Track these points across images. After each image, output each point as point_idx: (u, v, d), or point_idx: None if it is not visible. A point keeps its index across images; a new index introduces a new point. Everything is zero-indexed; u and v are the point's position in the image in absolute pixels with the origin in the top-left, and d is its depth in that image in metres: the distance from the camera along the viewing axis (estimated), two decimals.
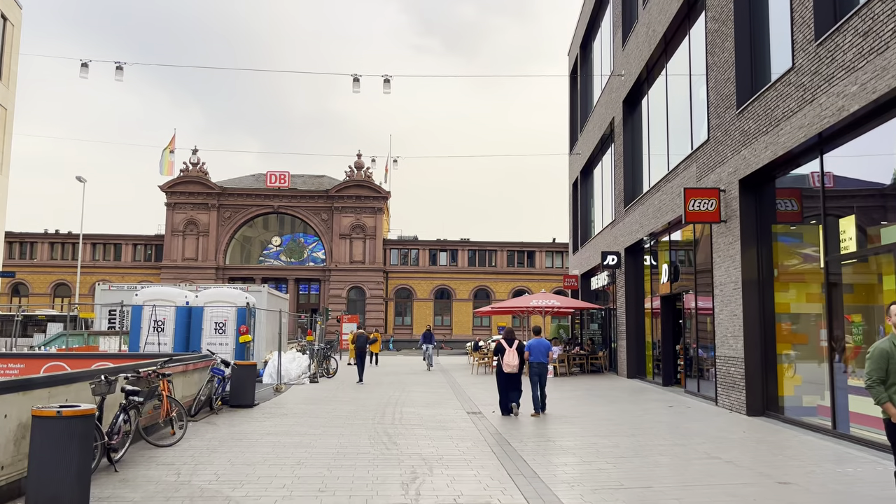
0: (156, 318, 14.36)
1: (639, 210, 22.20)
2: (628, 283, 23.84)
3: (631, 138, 24.28)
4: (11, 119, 36.12)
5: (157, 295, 14.82)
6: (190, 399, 12.20)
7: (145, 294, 14.96)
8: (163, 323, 14.48)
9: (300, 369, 20.69)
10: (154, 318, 14.32)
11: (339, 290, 60.48)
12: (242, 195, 61.25)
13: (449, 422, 12.72)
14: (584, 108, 34.28)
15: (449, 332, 61.51)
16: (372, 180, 61.44)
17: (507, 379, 13.59)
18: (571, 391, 19.02)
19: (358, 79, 23.41)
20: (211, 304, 14.58)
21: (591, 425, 12.30)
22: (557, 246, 63.22)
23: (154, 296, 14.77)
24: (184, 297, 14.83)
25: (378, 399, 16.55)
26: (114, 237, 61.70)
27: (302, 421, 12.41)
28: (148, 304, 14.52)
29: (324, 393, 17.96)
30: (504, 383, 13.65)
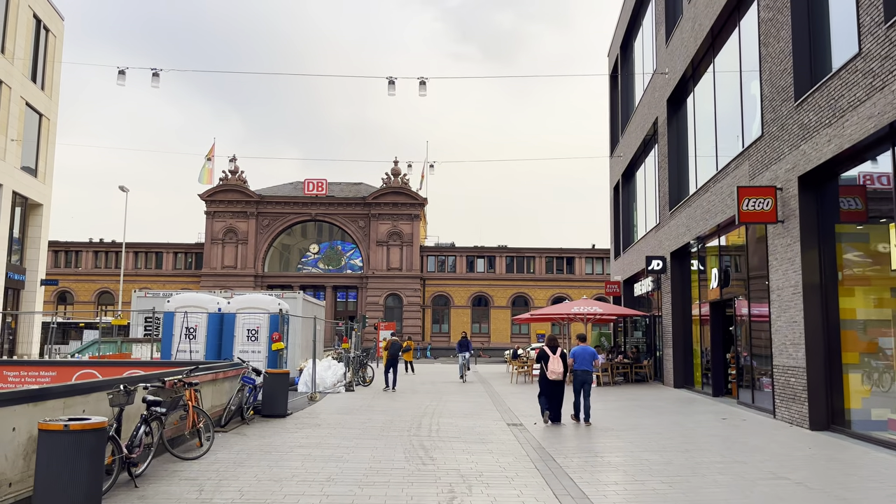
0: (187, 325, 14.04)
1: (685, 213, 21.27)
2: (674, 289, 22.89)
3: (676, 138, 23.37)
4: (54, 129, 36.70)
5: (189, 301, 14.51)
6: (220, 409, 11.79)
7: (177, 300, 14.66)
8: (195, 330, 14.16)
9: (335, 377, 20.25)
10: (186, 325, 14.00)
11: (377, 297, 60.24)
12: (280, 203, 61.53)
13: (488, 434, 12.07)
14: (625, 110, 33.39)
15: (487, 340, 60.76)
16: (409, 187, 61.16)
17: (551, 387, 13.32)
18: (616, 401, 18.19)
19: (393, 81, 23.02)
20: (243, 311, 14.21)
21: (640, 439, 11.52)
22: (597, 252, 62.03)
23: (186, 302, 14.47)
24: (216, 304, 14.49)
25: (414, 409, 15.98)
26: (155, 246, 62.51)
27: (335, 432, 11.90)
28: (180, 311, 14.22)
29: (359, 402, 17.47)
30: (547, 391, 13.37)
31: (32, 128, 34.36)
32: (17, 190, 32.52)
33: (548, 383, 13.27)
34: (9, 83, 31.36)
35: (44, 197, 35.45)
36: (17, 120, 32.25)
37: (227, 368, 12.12)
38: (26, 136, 33.50)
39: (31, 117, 34.05)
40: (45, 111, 35.41)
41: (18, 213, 33.80)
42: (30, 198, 34.09)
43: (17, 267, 33.67)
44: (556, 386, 13.27)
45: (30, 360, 16.31)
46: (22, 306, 33.99)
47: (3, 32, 31.08)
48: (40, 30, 34.76)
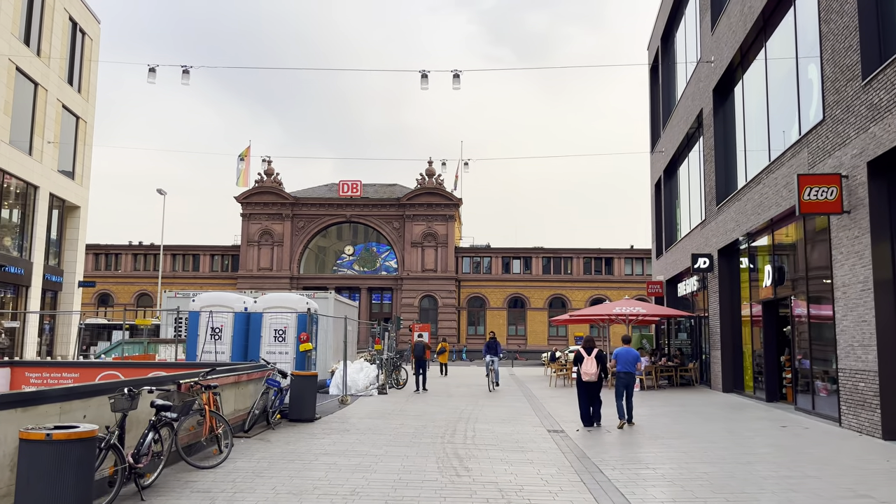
0: (213, 325, 13.49)
1: (734, 207, 20.13)
2: (722, 288, 21.72)
3: (722, 130, 22.21)
4: (91, 131, 36.89)
5: (215, 300, 13.96)
6: (243, 413, 11.17)
7: (202, 299, 14.13)
8: (220, 330, 13.59)
9: (368, 380, 19.60)
10: (211, 325, 13.45)
11: (411, 298, 59.67)
12: (315, 205, 61.36)
13: (528, 441, 11.23)
14: (666, 104, 32.19)
15: (523, 343, 59.72)
16: (443, 187, 60.47)
17: (587, 389, 13.02)
18: (662, 406, 17.16)
19: (426, 75, 22.31)
20: (270, 310, 13.61)
21: (693, 449, 10.57)
22: (637, 252, 60.52)
23: (211, 301, 13.92)
24: (242, 303, 13.92)
25: (448, 413, 15.21)
26: (192, 248, 62.89)
27: (364, 438, 11.19)
28: (205, 310, 13.68)
29: (391, 406, 16.77)
30: (584, 393, 13.10)
31: (69, 130, 34.53)
32: (54, 192, 32.67)
33: (583, 385, 12.99)
34: (45, 85, 31.52)
35: (81, 199, 35.61)
36: (53, 122, 32.40)
37: (251, 370, 11.50)
38: (63, 138, 33.67)
39: (67, 120, 34.23)
40: (82, 113, 35.58)
41: (56, 215, 34.00)
42: (67, 200, 34.25)
43: (55, 269, 33.84)
44: (591, 387, 12.96)
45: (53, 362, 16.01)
46: (60, 308, 34.17)
47: (39, 35, 31.24)
48: (76, 32, 34.93)
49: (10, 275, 29.33)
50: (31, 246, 31.24)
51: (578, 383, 13.16)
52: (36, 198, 31.34)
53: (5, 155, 28.34)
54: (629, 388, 13.15)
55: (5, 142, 28.32)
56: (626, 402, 13.04)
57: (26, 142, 30.46)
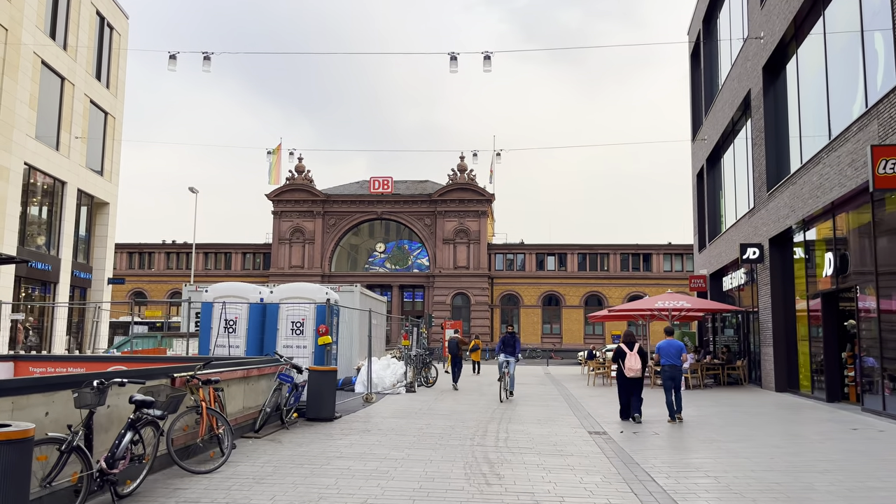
0: (226, 317, 12.59)
1: (787, 192, 18.66)
2: (774, 280, 20.23)
3: (773, 110, 20.71)
4: (120, 127, 36.60)
5: (228, 291, 13.05)
6: (253, 411, 10.22)
7: (216, 290, 13.23)
8: (234, 322, 12.68)
9: (395, 377, 18.59)
10: (224, 317, 12.56)
11: (444, 296, 58.65)
12: (346, 202, 60.74)
13: (567, 444, 10.08)
14: (709, 90, 30.63)
15: (558, 341, 58.27)
16: (475, 183, 59.32)
17: (630, 384, 12.74)
18: (712, 406, 15.81)
19: (455, 57, 21.29)
20: (287, 301, 12.66)
21: (757, 454, 9.30)
22: (676, 248, 58.60)
23: (224, 292, 13.02)
24: (258, 294, 13.00)
25: (480, 413, 14.10)
26: (224, 246, 62.78)
27: (385, 440, 10.15)
28: (218, 302, 12.79)
29: (419, 404, 15.72)
30: (625, 389, 12.81)
31: (97, 126, 34.24)
32: (82, 188, 32.38)
33: (625, 381, 12.69)
34: (72, 80, 31.21)
35: (110, 196, 35.33)
36: (81, 118, 32.10)
37: (262, 365, 10.54)
38: (91, 134, 33.39)
39: (95, 115, 33.93)
40: (111, 109, 35.29)
41: (84, 212, 33.75)
42: (96, 196, 33.96)
43: (83, 265, 33.59)
44: (633, 384, 12.67)
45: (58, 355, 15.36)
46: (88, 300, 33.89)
47: (65, 28, 30.94)
48: (104, 27, 34.64)
49: (37, 271, 29.06)
50: (59, 242, 30.96)
51: (620, 379, 12.83)
52: (64, 194, 31.06)
53: (32, 150, 28.03)
54: (676, 381, 12.70)
55: (32, 136, 28.01)
56: (675, 396, 12.66)
57: (53, 137, 30.17)
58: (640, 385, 12.75)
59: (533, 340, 58.71)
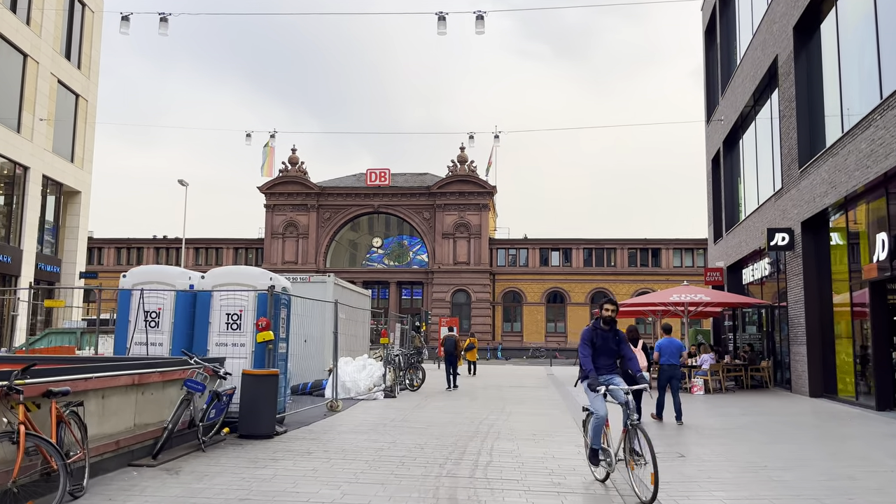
0: (147, 308, 10.18)
1: (825, 167, 16.13)
2: (807, 270, 17.71)
3: (805, 75, 18.19)
4: (93, 111, 34.24)
5: (149, 275, 10.59)
6: (155, 429, 7.77)
7: (135, 274, 10.78)
8: (157, 315, 10.25)
9: (371, 380, 16.15)
10: (143, 308, 10.15)
11: (443, 293, 56.15)
12: (342, 195, 58.28)
13: (568, 473, 7.62)
14: (725, 66, 28.10)
15: (563, 340, 55.70)
16: (476, 175, 56.79)
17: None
18: (742, 415, 13.30)
19: (444, 17, 18.87)
20: (221, 288, 10.23)
21: (828, 491, 6.81)
22: (686, 242, 55.95)
23: (144, 277, 10.56)
24: (186, 279, 10.57)
25: (463, 424, 11.64)
26: (215, 241, 60.45)
27: (325, 466, 7.70)
28: (136, 289, 10.38)
29: (393, 413, 13.27)
30: None
31: (67, 109, 31.87)
32: (48, 174, 30.02)
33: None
34: (35, 57, 28.85)
35: (82, 184, 32.97)
36: (46, 98, 29.75)
37: (166, 368, 8.09)
38: (60, 117, 31.02)
39: (65, 97, 31.57)
40: (82, 91, 32.91)
41: (52, 201, 31.41)
42: (65, 184, 31.61)
43: (50, 258, 31.24)
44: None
45: None
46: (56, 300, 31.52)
47: (28, 2, 28.58)
48: (74, 4, 32.27)
49: None
50: (21, 232, 28.60)
51: None
52: (26, 180, 28.69)
53: None
54: (674, 381, 12.36)
55: None
56: (674, 398, 12.10)
57: (14, 118, 27.82)
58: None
59: (536, 339, 56.22)
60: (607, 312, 7.26)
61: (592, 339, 7.30)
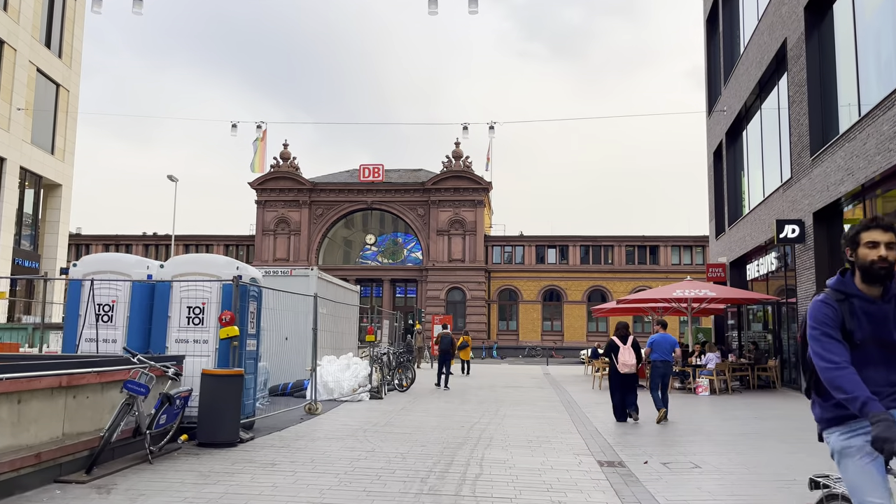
0: (98, 301, 9.12)
1: (841, 152, 15.14)
2: (819, 264, 16.72)
3: (818, 57, 17.19)
4: (75, 102, 33.09)
5: (103, 264, 9.48)
6: (90, 439, 6.70)
7: (87, 263, 9.66)
8: (111, 308, 9.19)
9: (356, 380, 15.10)
10: (96, 301, 9.09)
11: (437, 291, 55.10)
12: (334, 191, 57.15)
13: (569, 489, 6.58)
14: (728, 55, 27.13)
15: (560, 339, 54.70)
16: (471, 170, 55.73)
17: (623, 381, 11.93)
18: (755, 420, 12.27)
19: None
20: (182, 278, 9.17)
21: None
22: (685, 240, 55.00)
23: (97, 266, 9.45)
24: (144, 268, 9.50)
25: (453, 429, 10.60)
26: (205, 238, 59.28)
27: (291, 482, 6.65)
28: (88, 279, 9.31)
29: (378, 416, 12.23)
30: (620, 386, 11.97)
31: (47, 99, 30.72)
32: (26, 166, 28.88)
33: (618, 377, 11.89)
34: (13, 44, 27.70)
35: (63, 177, 31.83)
36: (24, 87, 28.61)
37: (105, 368, 7.02)
38: (40, 107, 29.87)
39: (44, 87, 30.43)
40: (63, 81, 31.76)
41: (31, 194, 30.28)
42: (45, 177, 30.48)
43: (28, 253, 30.09)
44: (628, 379, 11.87)
45: None
46: (35, 297, 30.40)
47: None
48: None
49: None
50: None
51: (612, 376, 12.06)
52: (2, 171, 27.58)
53: None
54: (665, 378, 12.19)
55: None
56: (662, 395, 11.96)
57: None
58: (635, 381, 11.96)
59: (532, 338, 55.22)
60: (879, 252, 3.02)
61: (843, 323, 3.08)
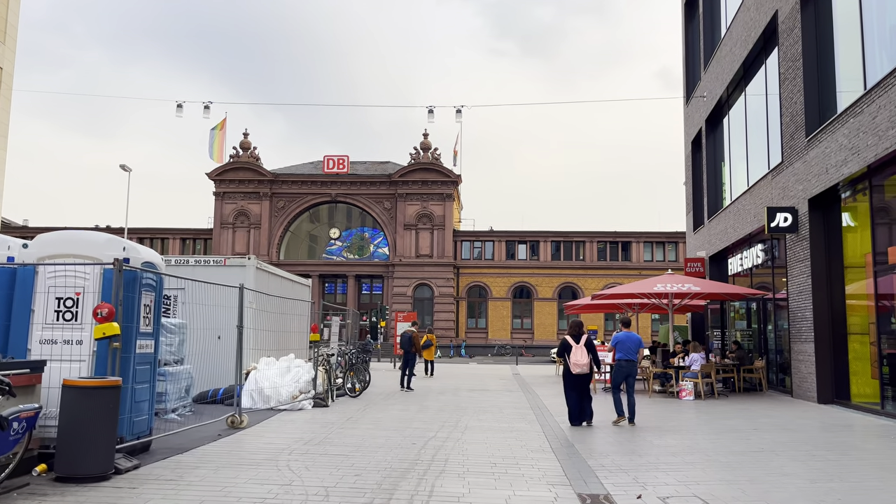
0: None
1: (843, 130, 13.58)
2: (815, 255, 15.19)
3: (814, 29, 15.66)
4: (10, 81, 30.46)
5: None
6: None
7: None
8: None
9: (297, 386, 13.13)
10: None
11: (404, 287, 53.11)
12: (297, 182, 54.76)
13: None
14: (709, 37, 25.69)
15: (530, 337, 53.14)
16: (440, 163, 53.82)
17: (577, 382, 11.22)
18: (755, 431, 10.57)
19: None
20: (50, 261, 7.18)
21: None
22: (657, 236, 53.78)
23: None
24: (5, 248, 7.48)
25: (402, 447, 8.71)
26: (160, 231, 56.50)
27: None
28: None
29: (316, 429, 10.30)
30: (574, 388, 11.24)
31: None
32: None
33: (572, 378, 11.18)
34: None
35: None
36: None
37: None
38: None
39: None
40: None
41: None
42: None
43: None
44: (581, 380, 11.18)
45: None
46: None
47: None
48: None
49: None
50: None
51: (566, 377, 11.27)
52: None
53: None
54: (629, 379, 11.51)
55: None
56: (629, 397, 11.36)
57: None
58: (588, 382, 11.24)
59: (502, 336, 53.59)
60: None
61: None
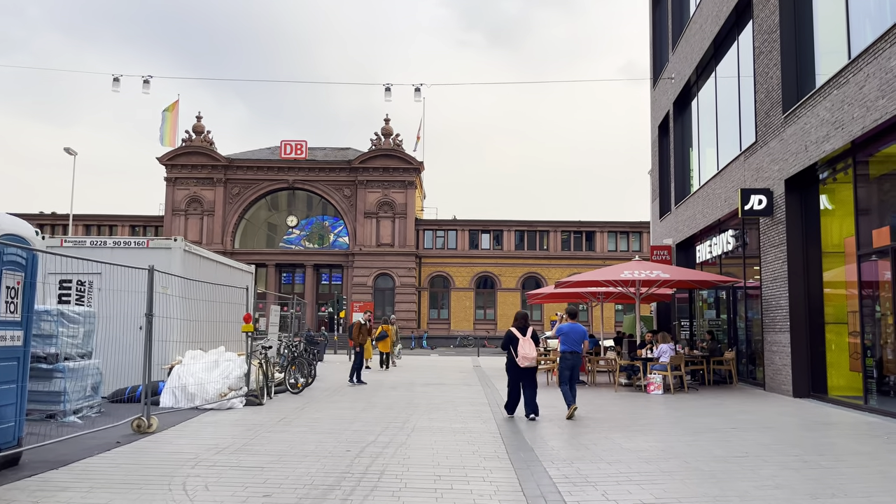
0: None
1: (825, 104, 12.61)
2: (791, 239, 14.26)
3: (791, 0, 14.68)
4: None
5: None
6: None
7: None
8: None
9: (226, 382, 11.72)
10: None
11: (364, 277, 51.61)
12: (252, 168, 52.75)
13: None
14: (678, 16, 24.75)
15: (493, 328, 52.15)
16: (402, 149, 52.34)
17: (523, 375, 10.82)
18: (733, 430, 9.50)
19: None
20: None
21: None
22: (622, 225, 53.19)
23: None
24: None
25: (334, 455, 7.41)
26: (108, 218, 54.00)
27: None
28: None
29: (240, 433, 8.93)
30: (518, 380, 10.87)
31: None
32: None
33: (518, 371, 10.82)
34: None
35: None
36: None
37: None
38: None
39: None
40: None
41: None
42: None
43: None
44: (528, 373, 10.85)
45: None
46: None
47: None
48: None
49: None
50: None
51: (511, 369, 10.93)
52: None
53: None
54: (574, 371, 11.36)
55: None
56: (571, 388, 11.11)
57: None
58: (534, 375, 11.00)
59: (465, 327, 52.51)
60: None
61: None
